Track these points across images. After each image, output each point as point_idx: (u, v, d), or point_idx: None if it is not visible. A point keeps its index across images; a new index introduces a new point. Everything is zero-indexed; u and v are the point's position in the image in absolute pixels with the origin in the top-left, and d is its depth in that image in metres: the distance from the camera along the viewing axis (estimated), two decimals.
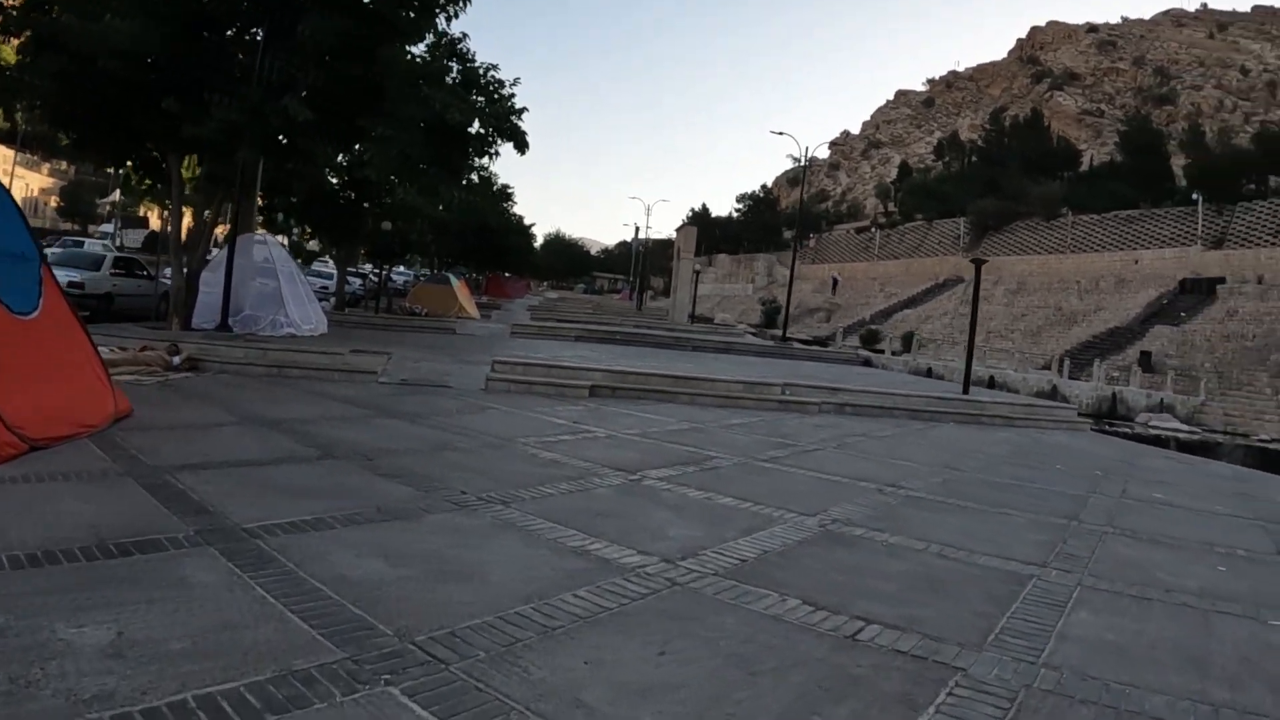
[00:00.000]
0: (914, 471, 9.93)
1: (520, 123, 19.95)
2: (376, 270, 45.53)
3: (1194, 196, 60.94)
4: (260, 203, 27.56)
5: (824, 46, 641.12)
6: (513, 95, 20.17)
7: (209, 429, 8.40)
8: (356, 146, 17.93)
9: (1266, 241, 55.64)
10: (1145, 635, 4.70)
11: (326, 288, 32.10)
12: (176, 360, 11.84)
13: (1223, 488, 12.13)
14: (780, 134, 46.38)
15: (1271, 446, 27.72)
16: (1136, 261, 61.74)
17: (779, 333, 63.58)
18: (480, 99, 18.93)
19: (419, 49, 17.18)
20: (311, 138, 15.61)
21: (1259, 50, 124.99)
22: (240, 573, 4.21)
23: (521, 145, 19.50)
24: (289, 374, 13.01)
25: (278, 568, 4.34)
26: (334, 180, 27.30)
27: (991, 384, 33.83)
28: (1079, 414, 21.31)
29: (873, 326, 64.83)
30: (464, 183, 28.74)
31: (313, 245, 38.86)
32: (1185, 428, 32.23)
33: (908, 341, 53.52)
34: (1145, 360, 45.14)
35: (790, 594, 4.75)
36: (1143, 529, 7.91)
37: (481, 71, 19.47)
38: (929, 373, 32.66)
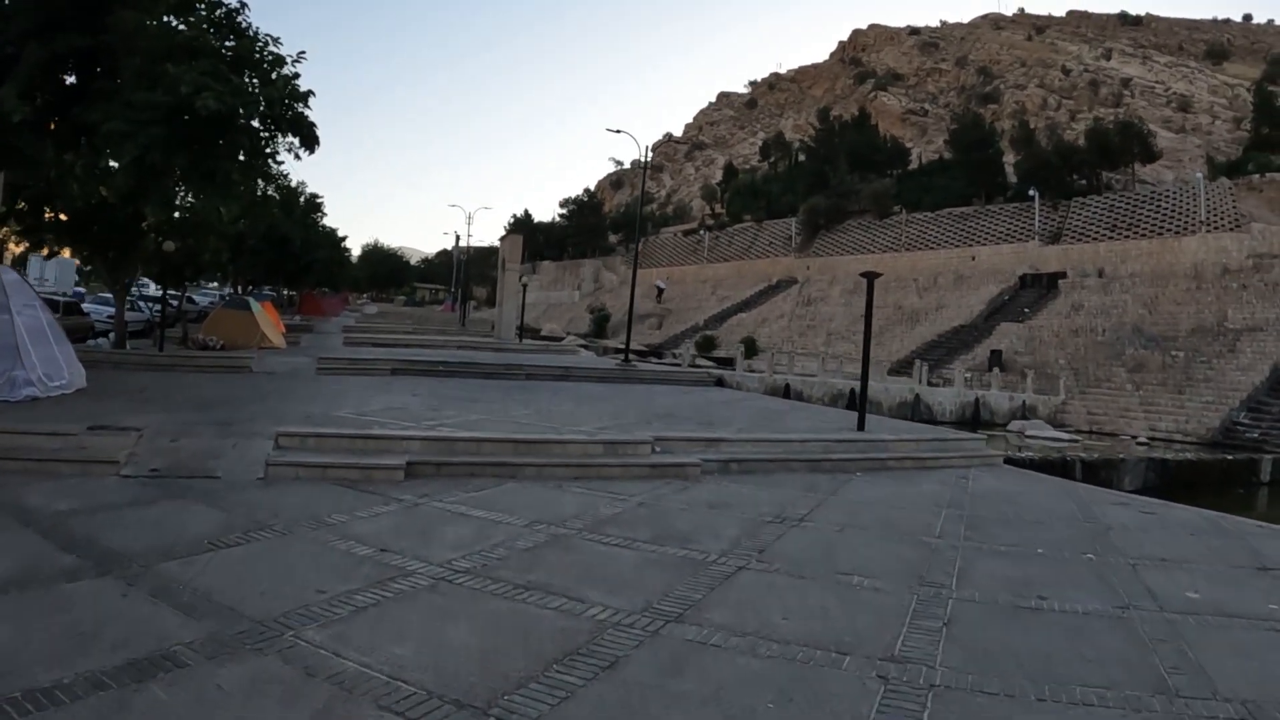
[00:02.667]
0: (885, 608, 7.05)
1: (307, 110, 14.69)
2: (175, 295, 40.47)
3: (1030, 193, 61.76)
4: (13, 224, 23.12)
5: (645, 49, 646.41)
6: (296, 76, 14.73)
7: None
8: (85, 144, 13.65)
9: (1104, 235, 56.72)
10: None
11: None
12: None
13: (1230, 555, 9.82)
14: (618, 131, 42.94)
15: (1169, 456, 26.89)
16: (974, 258, 62.18)
17: (610, 343, 61.44)
18: (253, 79, 13.74)
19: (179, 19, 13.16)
20: (28, 138, 11.71)
21: (1077, 51, 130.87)
22: None
23: (309, 140, 14.46)
24: None
25: None
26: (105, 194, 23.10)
27: (852, 400, 31.97)
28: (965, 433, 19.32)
29: (708, 332, 63.10)
30: (242, 190, 24.71)
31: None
32: (1065, 436, 31.43)
33: (749, 348, 51.75)
34: (996, 359, 44.79)
35: None
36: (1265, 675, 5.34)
37: (257, 46, 14.24)
38: (787, 390, 30.49)
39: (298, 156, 27.29)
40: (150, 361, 22.57)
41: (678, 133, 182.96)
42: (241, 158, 13.61)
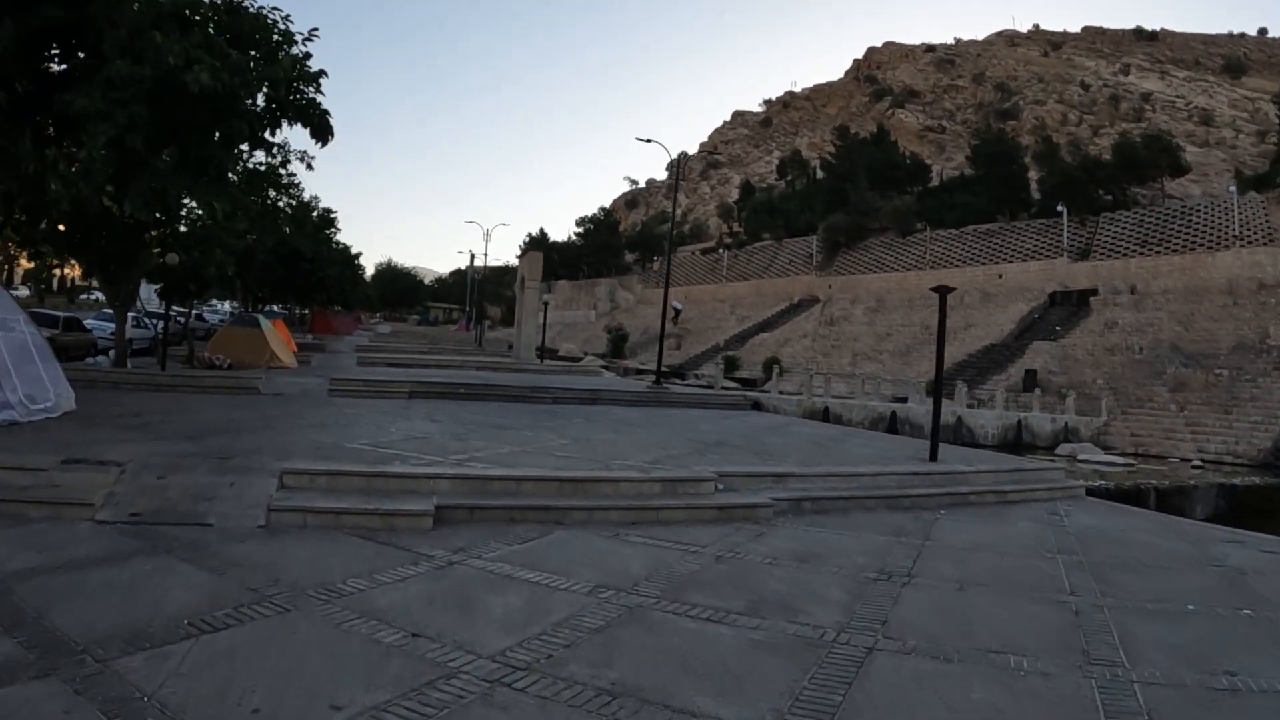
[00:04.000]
0: (1065, 701, 5.44)
1: (319, 96, 12.54)
2: (182, 312, 38.92)
3: (1059, 208, 60.23)
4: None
5: (660, 68, 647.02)
6: (307, 56, 12.32)
7: None
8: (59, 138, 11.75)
9: (1134, 251, 55.21)
10: None
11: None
12: None
13: None
14: (648, 141, 41.18)
15: (1237, 481, 25.34)
16: (1000, 276, 60.64)
17: (630, 364, 59.79)
18: (255, 58, 11.40)
19: None
20: (3, 126, 10.08)
21: (1095, 67, 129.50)
22: None
23: (321, 131, 12.32)
24: None
25: None
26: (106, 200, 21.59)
27: (893, 423, 30.23)
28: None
29: (729, 353, 61.27)
30: (239, 186, 22.85)
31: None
32: (1119, 460, 29.74)
33: (771, 369, 50.01)
34: (1031, 379, 43.10)
35: None
36: None
37: (263, 15, 12.06)
38: (826, 414, 28.75)
39: (309, 166, 25.81)
40: (151, 381, 20.99)
41: (693, 151, 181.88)
42: (243, 149, 11.92)
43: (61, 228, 21.77)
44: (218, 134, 10.51)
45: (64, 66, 10.87)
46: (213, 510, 8.74)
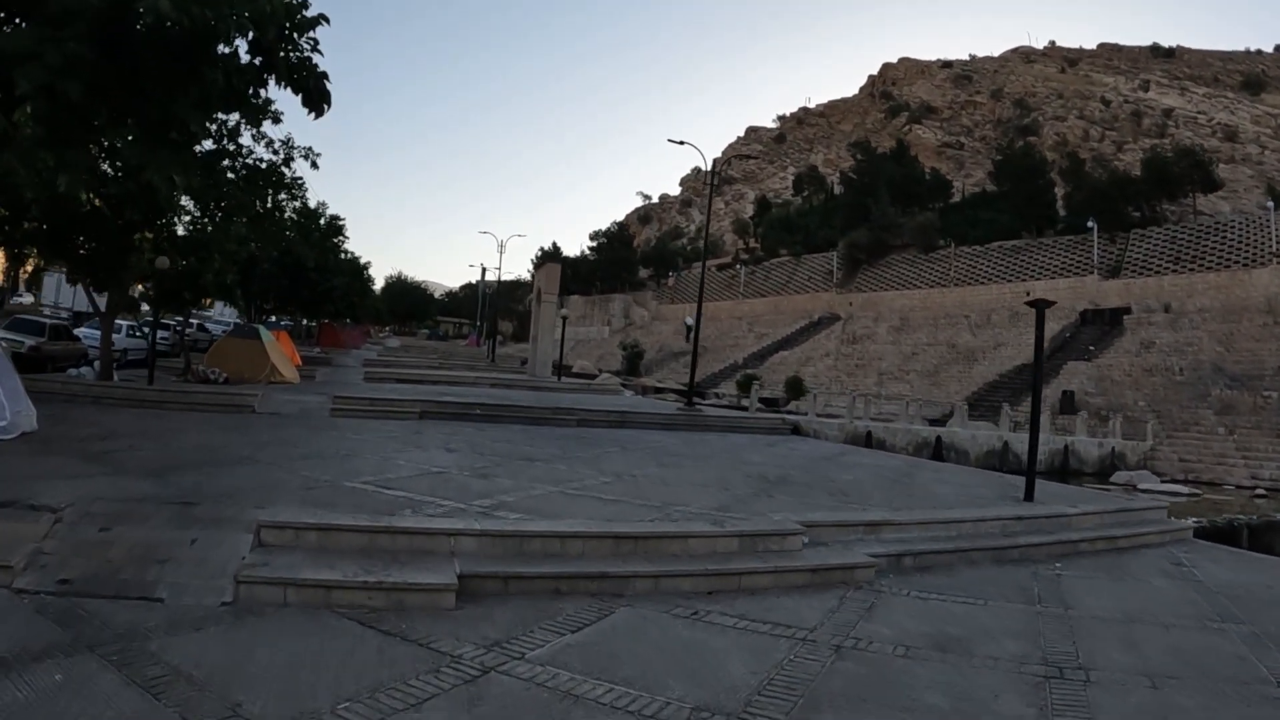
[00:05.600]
0: None
1: (314, 56, 9.93)
2: (179, 321, 36.86)
3: (1089, 224, 58.15)
4: None
5: (672, 84, 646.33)
6: (303, 4, 9.87)
7: None
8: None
9: (1167, 269, 53.19)
10: None
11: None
12: None
13: None
14: (681, 143, 39.12)
15: None
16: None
17: (648, 381, 57.53)
18: None
19: None
20: None
21: (1114, 83, 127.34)
22: None
23: (316, 98, 9.52)
24: None
25: None
26: (92, 197, 19.67)
27: (939, 449, 27.97)
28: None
29: (748, 371, 59.01)
30: (241, 185, 20.69)
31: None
32: (1182, 490, 27.66)
33: (794, 388, 47.84)
34: (1068, 401, 40.89)
35: None
36: None
37: None
38: (869, 439, 26.51)
39: (314, 165, 23.69)
40: (136, 397, 18.98)
41: (706, 167, 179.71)
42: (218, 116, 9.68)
43: (43, 225, 19.91)
44: (183, 86, 8.29)
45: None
46: (165, 579, 6.59)
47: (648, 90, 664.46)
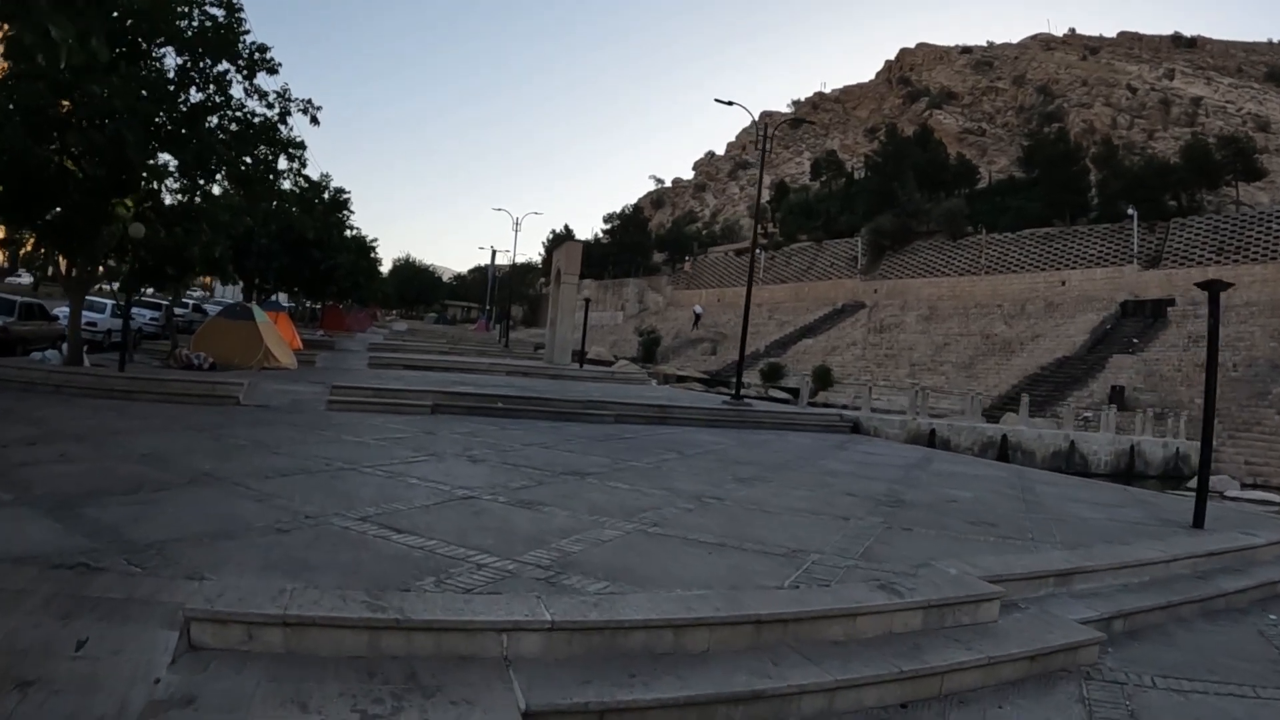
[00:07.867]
0: None
1: None
2: (167, 300, 34.06)
3: (1129, 212, 55.03)
4: None
5: (687, 68, 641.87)
6: None
7: None
8: None
9: (1210, 259, 50.16)
10: None
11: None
12: None
13: None
14: (729, 103, 35.70)
15: None
16: (1064, 283, 55.70)
17: (666, 369, 54.69)
18: None
19: None
20: None
21: (1138, 71, 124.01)
22: None
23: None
24: None
25: None
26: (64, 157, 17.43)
27: (1004, 448, 25.09)
28: None
29: (772, 359, 56.13)
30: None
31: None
32: (1276, 498, 24.70)
33: (822, 378, 45.00)
34: (1118, 396, 37.97)
35: None
36: None
37: None
38: (932, 437, 23.67)
39: (314, 120, 20.75)
40: (102, 385, 16.21)
41: (720, 151, 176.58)
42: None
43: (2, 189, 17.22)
44: None
45: None
46: (58, 677, 3.75)
47: (660, 75, 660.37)
